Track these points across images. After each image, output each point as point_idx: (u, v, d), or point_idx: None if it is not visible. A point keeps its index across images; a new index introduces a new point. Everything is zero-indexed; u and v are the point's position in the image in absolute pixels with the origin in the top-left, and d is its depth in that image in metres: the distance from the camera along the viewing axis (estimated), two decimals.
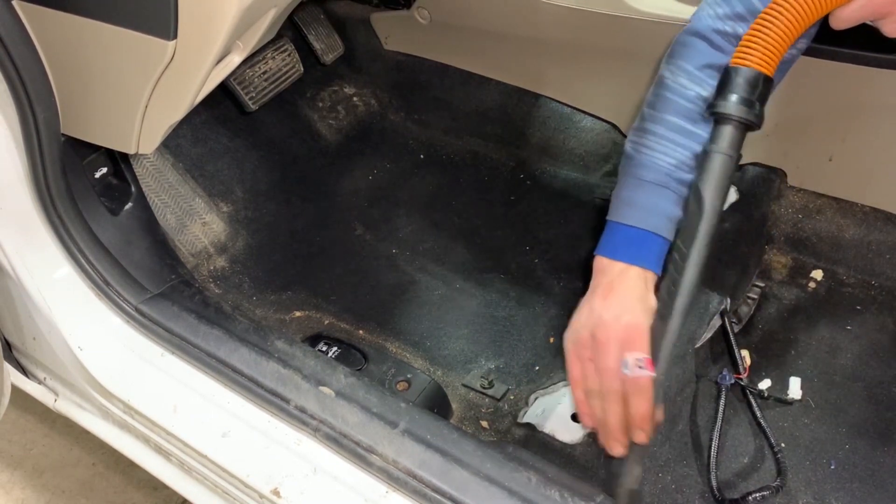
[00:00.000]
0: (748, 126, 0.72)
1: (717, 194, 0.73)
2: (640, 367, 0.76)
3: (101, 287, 0.99)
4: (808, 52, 1.09)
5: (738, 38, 0.81)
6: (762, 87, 0.71)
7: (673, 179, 0.85)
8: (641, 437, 0.80)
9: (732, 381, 1.03)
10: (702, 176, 0.73)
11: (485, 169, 1.54)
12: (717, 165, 0.73)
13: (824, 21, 0.73)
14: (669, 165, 0.85)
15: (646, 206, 0.86)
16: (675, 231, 0.86)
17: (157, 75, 0.87)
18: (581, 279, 1.08)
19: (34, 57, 0.90)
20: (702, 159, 0.73)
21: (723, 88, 0.72)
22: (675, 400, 1.00)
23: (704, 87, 0.84)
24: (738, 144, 0.72)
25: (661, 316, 0.77)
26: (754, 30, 0.70)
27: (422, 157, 1.59)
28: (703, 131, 0.84)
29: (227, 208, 1.36)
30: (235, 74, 1.36)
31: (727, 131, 0.72)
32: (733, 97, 0.71)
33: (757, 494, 0.91)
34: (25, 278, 0.98)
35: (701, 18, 0.85)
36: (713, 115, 0.73)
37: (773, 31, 0.69)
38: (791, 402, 1.04)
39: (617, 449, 0.82)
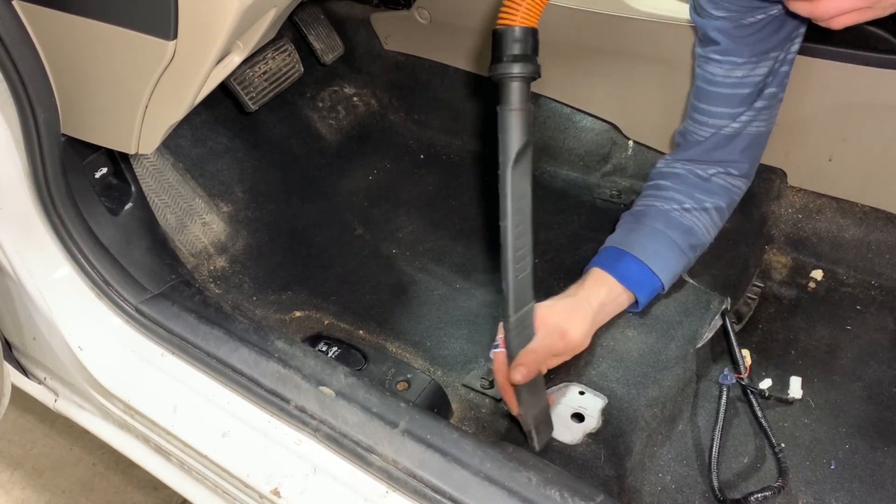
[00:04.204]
0: (530, 79, 0.77)
1: (517, 144, 0.78)
2: (496, 346, 0.92)
3: (101, 287, 0.99)
4: (808, 52, 1.09)
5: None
6: (532, 39, 0.76)
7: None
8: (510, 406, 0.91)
9: (733, 381, 1.03)
10: (502, 135, 0.78)
11: (485, 169, 1.54)
12: (513, 120, 0.77)
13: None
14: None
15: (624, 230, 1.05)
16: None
17: (157, 75, 0.87)
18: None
19: (34, 57, 0.90)
20: (499, 118, 0.78)
21: (497, 51, 0.77)
22: (676, 400, 1.00)
23: None
24: (527, 96, 0.77)
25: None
26: None
27: (422, 157, 1.59)
28: None
29: (227, 208, 1.36)
30: (235, 74, 1.36)
31: (513, 89, 0.77)
32: (509, 58, 0.76)
33: (759, 495, 0.91)
34: (25, 278, 0.98)
35: None
36: (495, 78, 0.77)
37: None
38: (791, 402, 1.04)
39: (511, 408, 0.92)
